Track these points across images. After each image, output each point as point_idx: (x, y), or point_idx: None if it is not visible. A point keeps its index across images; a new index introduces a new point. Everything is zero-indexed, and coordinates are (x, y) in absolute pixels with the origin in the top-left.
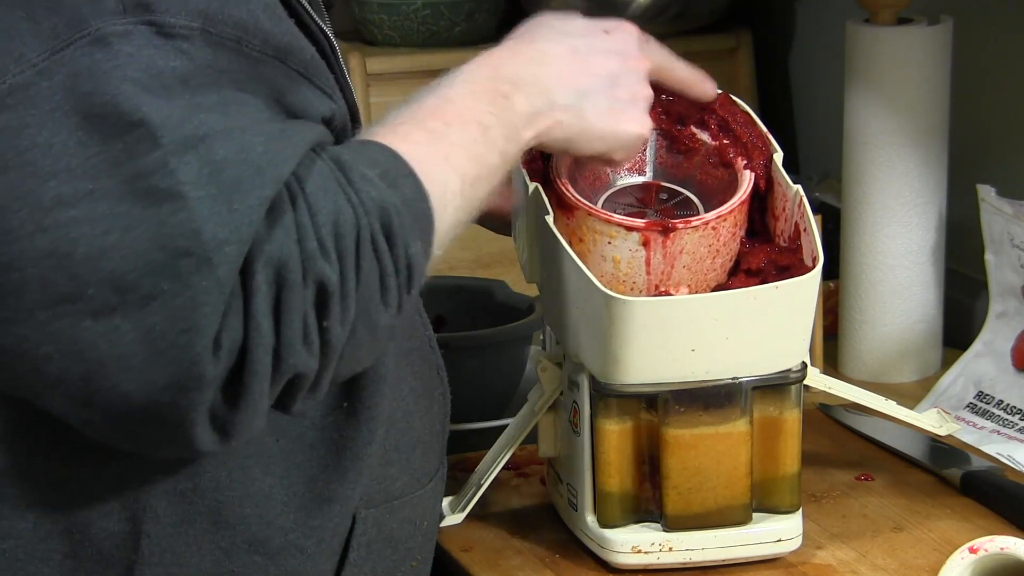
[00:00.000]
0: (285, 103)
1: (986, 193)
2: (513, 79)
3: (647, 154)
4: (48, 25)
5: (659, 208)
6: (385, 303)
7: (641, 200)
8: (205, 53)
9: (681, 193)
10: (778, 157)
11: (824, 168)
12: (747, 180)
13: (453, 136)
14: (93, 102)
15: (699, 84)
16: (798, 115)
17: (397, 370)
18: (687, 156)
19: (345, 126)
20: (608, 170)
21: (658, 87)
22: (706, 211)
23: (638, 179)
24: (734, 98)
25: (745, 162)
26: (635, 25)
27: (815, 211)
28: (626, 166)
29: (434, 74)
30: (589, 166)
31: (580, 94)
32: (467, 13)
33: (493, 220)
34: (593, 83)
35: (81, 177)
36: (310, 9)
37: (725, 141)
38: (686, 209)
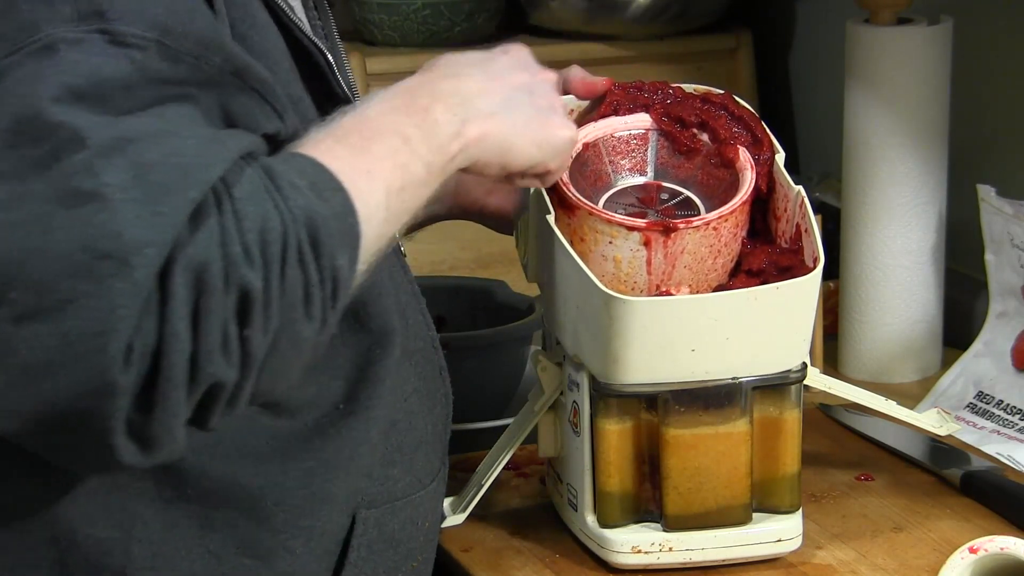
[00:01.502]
0: (229, 116)
1: (986, 193)
2: (432, 94)
3: (648, 155)
4: (0, 31)
5: (660, 208)
6: (309, 315)
7: (642, 200)
8: (159, 65)
9: (682, 193)
10: (780, 158)
11: (824, 168)
12: (748, 180)
13: (375, 149)
14: (26, 104)
15: (592, 79)
16: (798, 115)
17: (400, 371)
18: (688, 156)
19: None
20: (610, 170)
21: (663, 88)
22: (707, 211)
23: (639, 179)
24: (737, 98)
25: (756, 155)
26: (523, 45)
27: (815, 211)
28: (627, 166)
29: None
30: (587, 170)
31: (503, 103)
32: (467, 13)
33: (494, 220)
34: (512, 93)
35: (10, 179)
36: (302, 27)
37: (736, 131)
38: (687, 209)
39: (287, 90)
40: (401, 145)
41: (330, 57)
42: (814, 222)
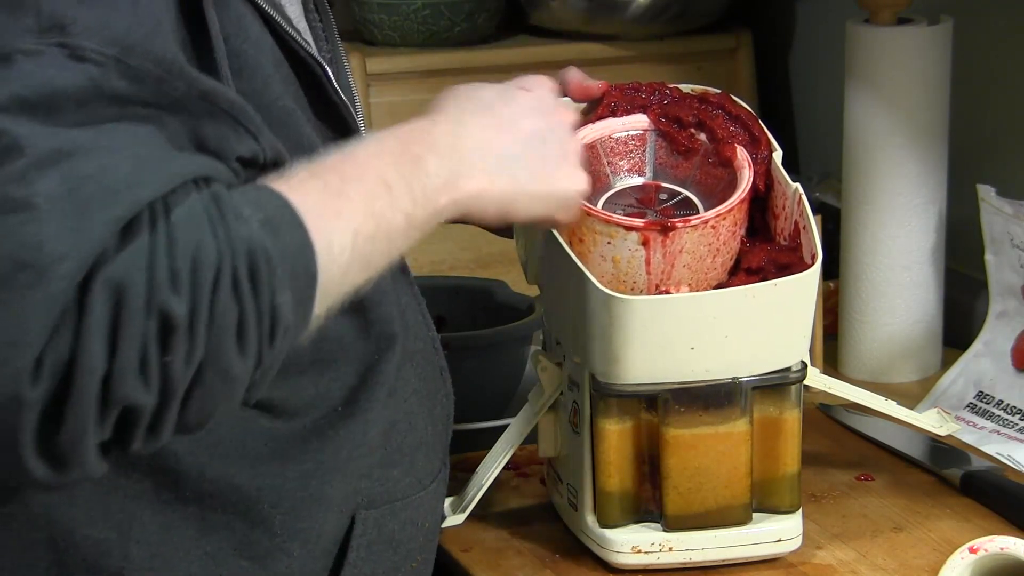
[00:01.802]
0: (200, 140)
1: (986, 193)
2: (427, 143)
3: (646, 155)
4: None
5: (659, 208)
6: (241, 351)
7: (641, 201)
8: (117, 83)
9: (681, 193)
10: (777, 156)
11: (824, 168)
12: (746, 178)
13: (350, 191)
14: None
15: (588, 84)
16: (798, 115)
17: (400, 373)
18: (686, 156)
19: (279, 164)
20: (608, 171)
21: (660, 89)
22: (706, 210)
23: (638, 180)
24: (734, 98)
25: (753, 153)
26: (546, 77)
27: (815, 211)
28: (625, 167)
29: (434, 74)
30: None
31: (505, 158)
32: (467, 13)
33: None
34: (519, 146)
35: None
36: (297, 37)
37: (733, 129)
38: (686, 209)
39: (276, 103)
40: (381, 191)
41: (327, 67)
42: (812, 219)
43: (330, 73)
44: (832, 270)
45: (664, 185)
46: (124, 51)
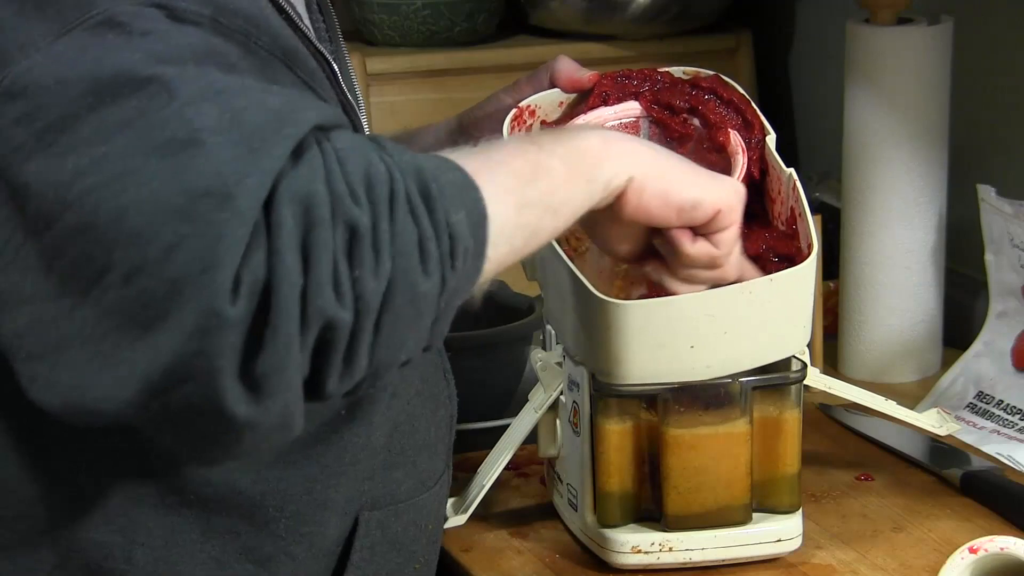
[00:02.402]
0: None
1: (986, 193)
2: (575, 130)
3: None
4: (54, 10)
5: None
6: (425, 269)
7: None
8: (214, 40)
9: None
10: (771, 140)
11: (824, 168)
12: (740, 164)
13: (502, 149)
14: (103, 68)
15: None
16: (798, 115)
17: (403, 375)
18: (680, 143)
19: None
20: None
21: (651, 75)
22: None
23: None
24: (727, 79)
25: (747, 138)
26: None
27: (815, 211)
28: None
29: (434, 74)
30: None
31: (657, 154)
32: (467, 13)
33: None
34: (669, 154)
35: (95, 143)
36: (309, 34)
37: (725, 114)
38: None
39: None
40: (531, 146)
41: (334, 64)
42: (806, 205)
43: (337, 70)
44: (832, 270)
45: None
46: (218, 10)
